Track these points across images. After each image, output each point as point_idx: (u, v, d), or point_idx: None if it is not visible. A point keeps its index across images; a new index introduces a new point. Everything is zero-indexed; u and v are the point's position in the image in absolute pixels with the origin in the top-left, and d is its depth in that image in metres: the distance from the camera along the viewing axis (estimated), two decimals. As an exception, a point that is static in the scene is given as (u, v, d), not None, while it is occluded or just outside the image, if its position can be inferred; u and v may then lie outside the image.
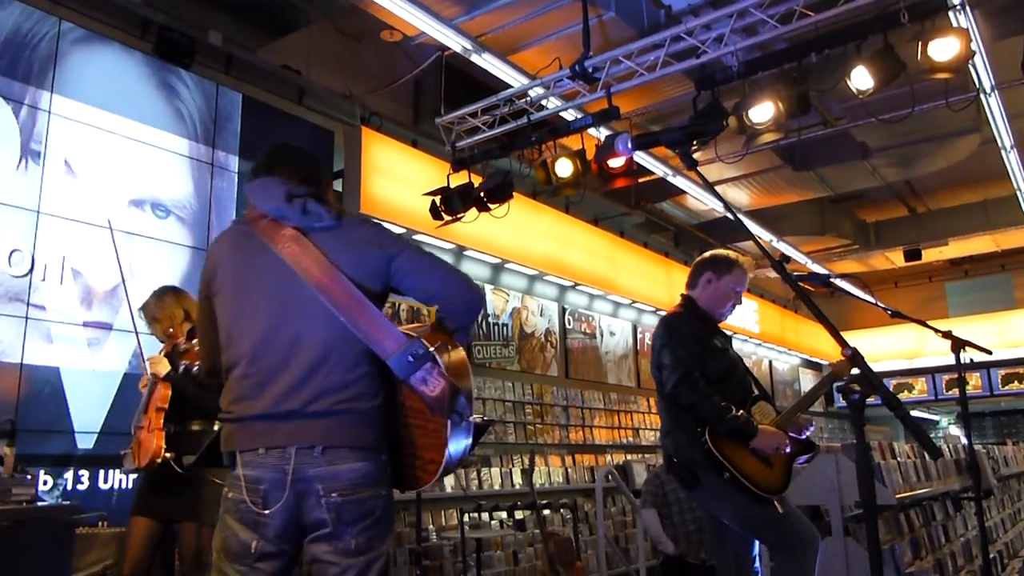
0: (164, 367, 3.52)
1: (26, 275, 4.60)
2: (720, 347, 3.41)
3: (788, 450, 3.26)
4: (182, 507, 3.49)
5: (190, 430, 3.55)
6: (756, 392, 3.43)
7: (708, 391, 3.18)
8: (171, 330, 3.64)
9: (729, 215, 1.80)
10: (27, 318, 4.56)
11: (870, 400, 1.68)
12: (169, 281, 5.31)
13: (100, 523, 4.11)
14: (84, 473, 4.69)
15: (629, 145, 2.11)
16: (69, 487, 4.59)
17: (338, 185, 6.80)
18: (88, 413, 4.77)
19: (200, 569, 3.51)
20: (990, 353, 3.77)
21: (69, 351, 4.73)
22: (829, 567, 3.82)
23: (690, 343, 3.28)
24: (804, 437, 3.37)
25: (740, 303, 3.53)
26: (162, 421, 3.46)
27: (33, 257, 4.64)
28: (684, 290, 3.57)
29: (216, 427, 3.67)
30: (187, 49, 5.65)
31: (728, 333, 3.68)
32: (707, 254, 3.60)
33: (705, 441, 3.15)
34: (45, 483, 4.47)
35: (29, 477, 3.09)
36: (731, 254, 3.53)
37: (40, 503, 2.96)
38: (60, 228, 4.79)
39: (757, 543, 3.44)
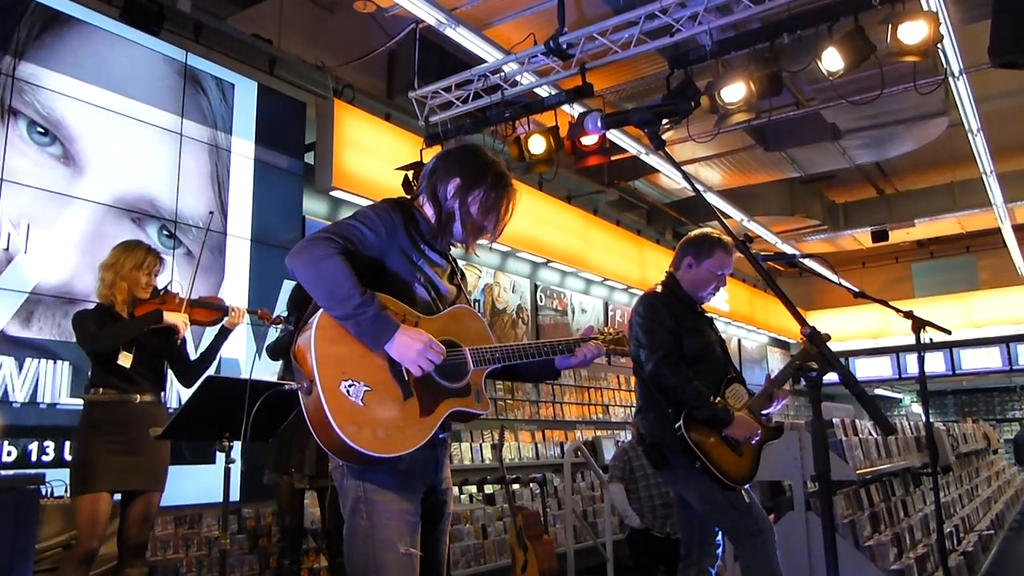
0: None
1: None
2: (696, 327, 3.37)
3: (758, 437, 3.22)
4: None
5: None
6: (732, 374, 3.38)
7: (688, 375, 3.14)
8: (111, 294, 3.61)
9: (693, 191, 1.82)
10: (-9, 288, 4.49)
11: (834, 379, 1.72)
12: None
13: (65, 495, 4.08)
14: (50, 444, 4.65)
15: (599, 124, 2.11)
16: (34, 458, 4.55)
17: (309, 158, 6.74)
18: (54, 384, 4.72)
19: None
20: (949, 333, 3.85)
21: (38, 322, 4.67)
22: (791, 540, 3.91)
23: (667, 321, 3.25)
24: (776, 408, 3.32)
25: (724, 284, 3.45)
26: None
27: (-3, 226, 4.56)
28: (669, 267, 3.50)
29: None
30: (155, 15, 5.54)
31: (710, 316, 3.63)
32: (692, 234, 3.48)
33: (679, 427, 3.10)
34: (9, 454, 4.43)
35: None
36: (714, 234, 3.41)
37: (3, 472, 2.93)
38: (23, 196, 4.70)
39: None
